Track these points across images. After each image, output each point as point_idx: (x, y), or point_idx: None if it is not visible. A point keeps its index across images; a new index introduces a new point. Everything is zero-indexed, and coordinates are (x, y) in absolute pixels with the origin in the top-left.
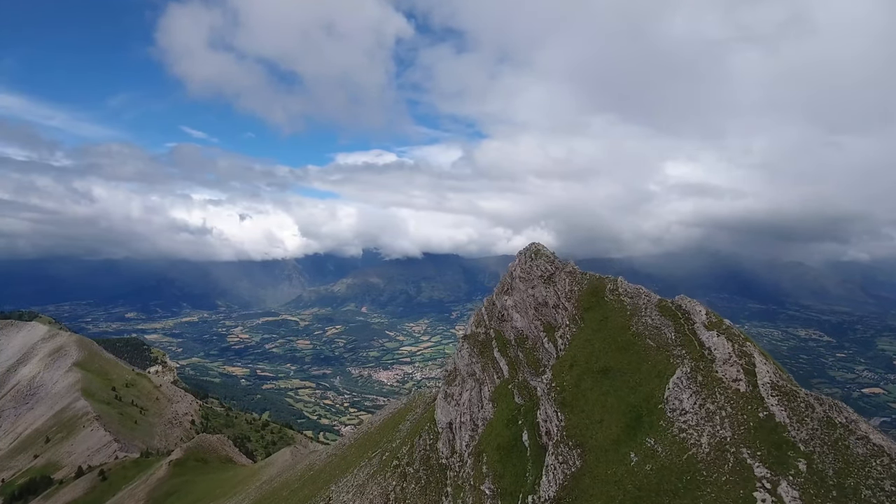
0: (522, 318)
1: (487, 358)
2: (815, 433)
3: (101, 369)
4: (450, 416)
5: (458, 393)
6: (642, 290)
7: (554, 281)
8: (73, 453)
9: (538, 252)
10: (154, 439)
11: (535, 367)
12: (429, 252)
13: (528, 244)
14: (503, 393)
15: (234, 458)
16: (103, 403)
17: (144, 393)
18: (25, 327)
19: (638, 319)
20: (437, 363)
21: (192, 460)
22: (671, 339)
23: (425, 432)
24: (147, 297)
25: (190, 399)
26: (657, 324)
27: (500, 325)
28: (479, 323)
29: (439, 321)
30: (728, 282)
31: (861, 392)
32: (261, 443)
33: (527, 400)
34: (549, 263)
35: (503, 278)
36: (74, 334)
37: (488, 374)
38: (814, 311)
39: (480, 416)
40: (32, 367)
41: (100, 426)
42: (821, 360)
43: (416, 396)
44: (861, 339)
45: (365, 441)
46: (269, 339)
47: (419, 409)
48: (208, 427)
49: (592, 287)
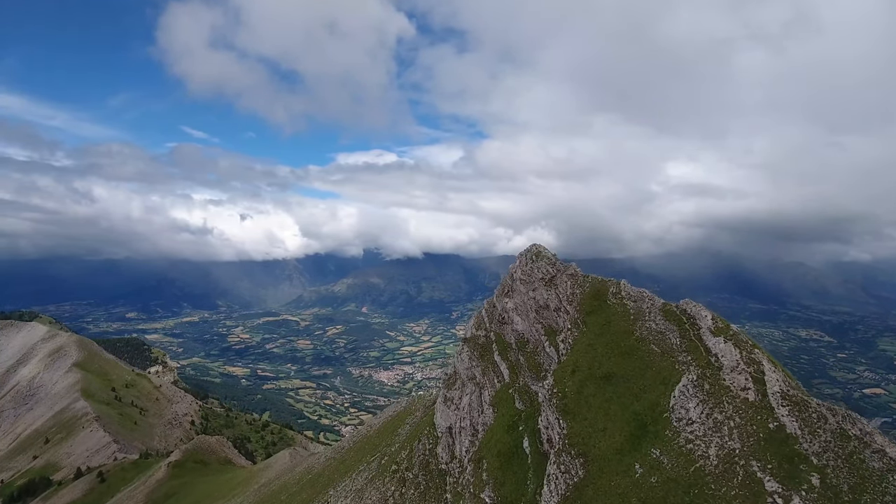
0: (523, 320)
1: (488, 361)
2: (828, 446)
3: (101, 370)
4: (449, 420)
5: (458, 397)
6: (646, 294)
7: (555, 283)
8: (72, 454)
9: (539, 254)
10: (154, 440)
11: (536, 372)
12: (429, 252)
13: (528, 245)
14: (504, 398)
15: (234, 460)
16: (103, 404)
17: (144, 393)
18: (25, 327)
19: (642, 324)
20: (438, 363)
21: (190, 462)
22: (676, 344)
23: (424, 437)
24: (148, 297)
25: (190, 399)
26: (661, 328)
27: (500, 328)
28: (480, 325)
29: (440, 321)
30: (729, 282)
31: (862, 392)
32: (261, 443)
33: (528, 405)
34: (551, 266)
35: (504, 280)
36: (74, 334)
37: (488, 378)
38: (815, 311)
39: (481, 421)
40: (32, 367)
41: (99, 427)
42: (822, 361)
43: (415, 399)
44: (862, 339)
45: (364, 444)
46: (269, 339)
47: (419, 413)
48: (208, 428)
49: (595, 290)
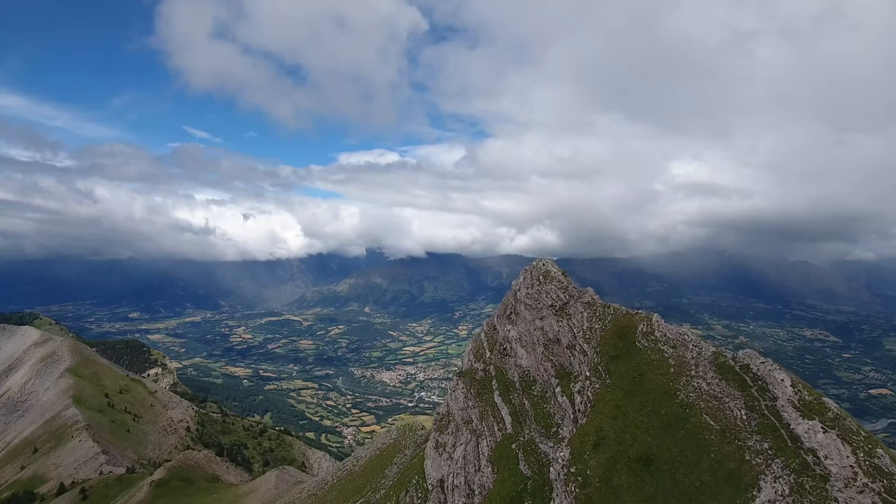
0: (529, 355)
1: (487, 403)
2: None
3: (95, 375)
4: (441, 471)
5: (452, 444)
6: (688, 337)
7: (568, 313)
8: (59, 465)
9: (548, 274)
10: (147, 448)
11: (545, 425)
12: (432, 252)
13: (535, 261)
14: (506, 454)
15: (222, 477)
16: (95, 411)
17: (139, 399)
18: (18, 332)
19: (687, 382)
20: (440, 364)
21: (175, 480)
22: (742, 419)
23: (412, 488)
24: (151, 298)
25: (186, 405)
26: (717, 392)
27: (502, 360)
28: (479, 354)
29: (442, 321)
30: (733, 282)
31: (868, 393)
32: (258, 450)
33: (536, 471)
34: (562, 290)
35: (506, 298)
36: (67, 339)
37: (487, 424)
38: (819, 310)
39: (477, 480)
40: (23, 373)
41: (88, 437)
42: (827, 361)
43: (405, 432)
44: (867, 339)
45: (348, 483)
46: (271, 339)
47: (408, 451)
48: (204, 434)
49: (619, 326)
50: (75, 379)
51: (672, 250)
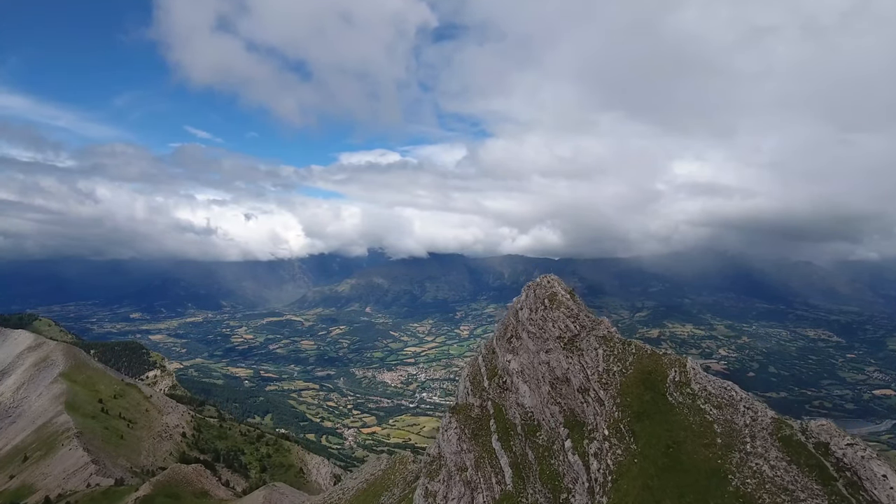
0: (533, 393)
1: (483, 448)
2: None
3: (89, 380)
4: None
5: (443, 495)
6: (737, 395)
7: (579, 348)
8: (48, 475)
9: (554, 298)
10: (140, 455)
11: (553, 488)
12: (434, 252)
13: (538, 278)
14: None
15: (211, 492)
16: (88, 417)
17: (133, 404)
18: (11, 336)
19: (742, 461)
20: (442, 364)
21: (161, 496)
22: None
23: None
24: (152, 298)
25: (182, 410)
26: (786, 482)
27: (501, 395)
28: (476, 384)
29: (444, 321)
30: (736, 282)
31: (872, 394)
32: (255, 455)
33: None
34: (572, 319)
35: (506, 318)
36: (62, 343)
37: (483, 474)
38: (823, 311)
39: None
40: (15, 378)
41: (79, 445)
42: (830, 361)
43: (396, 463)
44: (871, 339)
45: None
46: (273, 339)
47: (396, 490)
48: (200, 440)
49: (643, 371)
50: (68, 384)
51: (674, 250)
